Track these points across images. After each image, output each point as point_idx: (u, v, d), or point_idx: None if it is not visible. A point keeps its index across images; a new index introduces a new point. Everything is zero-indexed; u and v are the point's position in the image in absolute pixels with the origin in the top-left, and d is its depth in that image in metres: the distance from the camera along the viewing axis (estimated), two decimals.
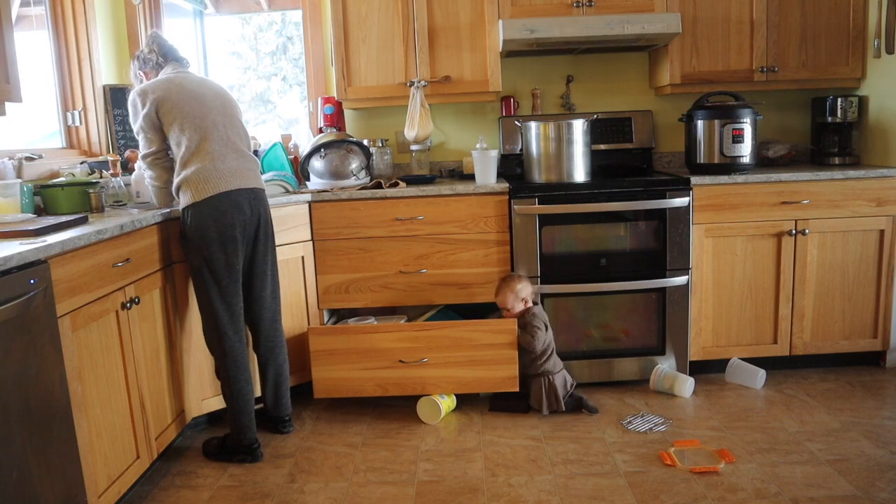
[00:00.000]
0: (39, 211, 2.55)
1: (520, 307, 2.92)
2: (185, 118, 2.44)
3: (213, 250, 2.45)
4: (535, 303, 2.98)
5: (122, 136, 3.32)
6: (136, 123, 2.48)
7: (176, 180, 2.48)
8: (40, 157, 2.83)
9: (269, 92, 4.57)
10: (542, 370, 2.86)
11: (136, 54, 2.64)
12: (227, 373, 2.55)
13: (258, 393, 2.89)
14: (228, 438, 2.62)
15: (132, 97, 2.48)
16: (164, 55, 2.58)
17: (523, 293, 2.92)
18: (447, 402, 2.91)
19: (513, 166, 3.55)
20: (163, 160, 2.52)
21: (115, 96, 3.31)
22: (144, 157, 2.52)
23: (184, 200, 2.46)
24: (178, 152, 2.46)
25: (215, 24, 4.22)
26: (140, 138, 2.50)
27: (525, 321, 2.88)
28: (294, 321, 3.01)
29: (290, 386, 2.83)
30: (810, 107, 3.57)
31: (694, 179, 3.05)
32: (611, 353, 3.08)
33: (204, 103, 2.49)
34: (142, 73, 2.63)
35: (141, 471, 2.32)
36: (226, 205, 2.45)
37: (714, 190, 3.06)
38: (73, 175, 2.78)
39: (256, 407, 2.95)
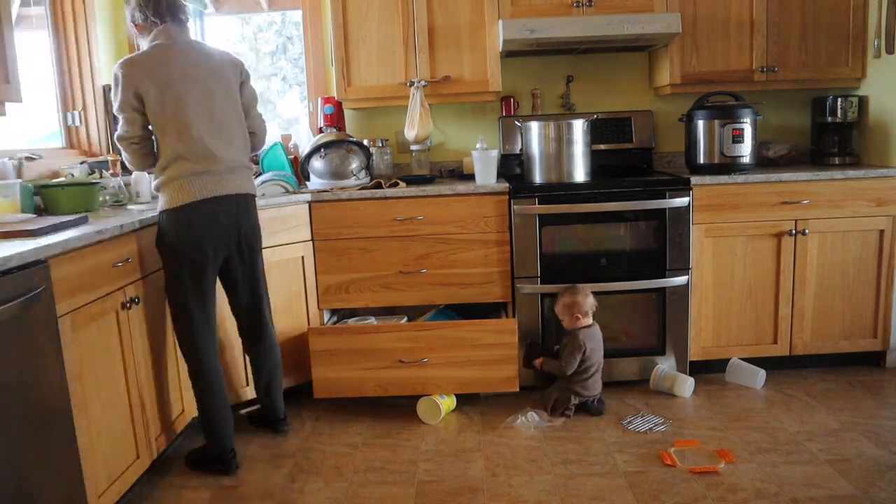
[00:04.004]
0: (39, 211, 2.55)
1: (589, 319, 2.91)
2: (168, 120, 2.28)
3: (184, 262, 2.35)
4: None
5: None
6: (116, 102, 2.28)
7: (156, 181, 2.35)
8: (40, 157, 2.83)
9: (269, 92, 4.57)
10: (575, 389, 2.84)
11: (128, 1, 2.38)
12: (203, 381, 2.44)
13: (253, 395, 2.89)
14: (208, 448, 2.53)
15: (115, 70, 2.28)
16: (160, 13, 2.32)
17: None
18: (447, 402, 2.91)
19: (513, 166, 3.55)
20: (140, 145, 2.34)
21: None
22: (120, 139, 2.32)
23: (161, 203, 2.34)
24: (161, 148, 2.31)
25: (215, 24, 4.21)
26: (119, 120, 2.30)
27: (574, 337, 2.87)
28: (294, 321, 3.01)
29: (283, 388, 2.80)
30: (810, 107, 3.57)
31: (694, 179, 3.05)
32: (611, 353, 3.07)
33: (195, 91, 2.31)
34: (133, 26, 2.40)
35: (141, 471, 2.32)
36: (197, 217, 2.32)
37: (714, 190, 3.06)
38: (73, 175, 2.78)
39: (253, 408, 2.95)
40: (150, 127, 2.33)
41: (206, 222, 2.35)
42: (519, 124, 3.45)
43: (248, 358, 2.75)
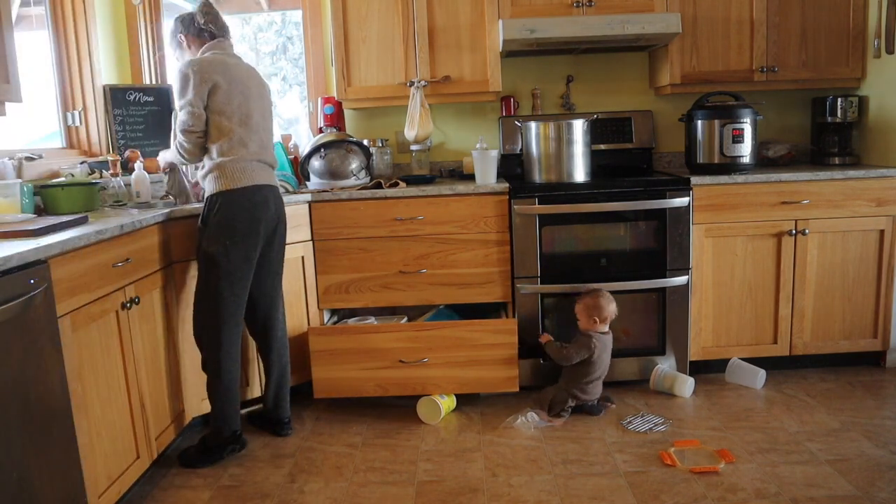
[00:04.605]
0: (39, 211, 2.55)
1: (606, 326, 2.91)
2: (234, 109, 2.47)
3: (237, 240, 2.45)
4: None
5: (122, 136, 3.32)
6: (185, 98, 2.42)
7: (209, 164, 2.47)
8: (40, 157, 2.83)
9: None
10: (573, 391, 2.83)
11: (183, 16, 2.57)
12: (220, 365, 2.50)
13: (258, 393, 2.90)
14: (208, 437, 2.59)
15: (184, 69, 2.42)
16: (218, 30, 2.56)
17: None
18: (447, 402, 2.91)
19: (513, 166, 3.55)
20: (202, 139, 2.49)
21: (115, 96, 3.30)
22: (185, 131, 2.45)
23: (214, 187, 2.46)
24: (217, 138, 2.46)
25: None
26: (183, 112, 2.44)
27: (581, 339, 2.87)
28: (294, 321, 3.01)
29: (290, 388, 2.83)
30: (810, 107, 3.57)
31: (694, 179, 3.05)
32: (611, 353, 3.07)
33: (249, 96, 2.52)
34: (183, 38, 2.56)
35: (141, 471, 2.32)
36: (257, 198, 2.49)
37: (714, 190, 3.06)
38: (73, 175, 2.78)
39: (255, 408, 2.96)
40: (207, 121, 2.48)
41: (262, 204, 2.52)
42: (519, 124, 3.45)
43: (259, 356, 2.78)
